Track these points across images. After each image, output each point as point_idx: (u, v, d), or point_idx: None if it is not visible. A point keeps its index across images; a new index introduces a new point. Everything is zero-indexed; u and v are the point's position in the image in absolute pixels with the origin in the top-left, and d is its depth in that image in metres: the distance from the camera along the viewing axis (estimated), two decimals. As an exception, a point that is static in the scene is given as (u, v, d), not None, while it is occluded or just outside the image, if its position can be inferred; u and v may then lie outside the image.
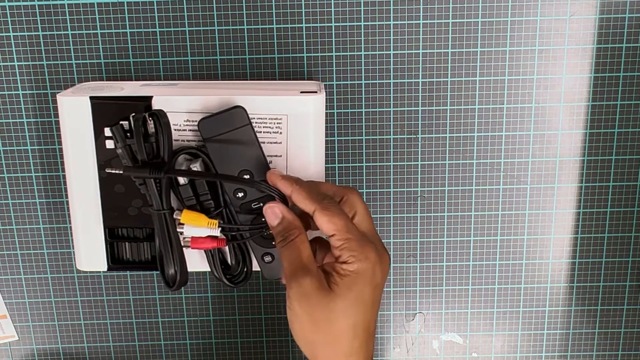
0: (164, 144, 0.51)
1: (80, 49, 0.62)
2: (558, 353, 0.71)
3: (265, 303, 0.69)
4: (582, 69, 0.63)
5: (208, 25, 0.62)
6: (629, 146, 0.65)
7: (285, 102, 0.53)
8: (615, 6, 0.61)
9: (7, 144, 0.65)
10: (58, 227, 0.67)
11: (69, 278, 0.68)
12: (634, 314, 0.70)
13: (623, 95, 0.64)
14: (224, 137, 0.52)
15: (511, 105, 0.64)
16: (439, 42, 0.62)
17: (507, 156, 0.65)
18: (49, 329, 0.70)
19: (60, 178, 0.66)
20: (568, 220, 0.67)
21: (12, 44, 0.62)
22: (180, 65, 0.63)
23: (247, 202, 0.54)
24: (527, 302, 0.69)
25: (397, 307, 0.70)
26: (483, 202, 0.66)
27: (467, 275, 0.68)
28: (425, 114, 0.64)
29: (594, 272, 0.69)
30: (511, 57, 0.63)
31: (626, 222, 0.67)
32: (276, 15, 0.61)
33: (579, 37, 0.62)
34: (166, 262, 0.54)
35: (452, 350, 0.71)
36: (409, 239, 0.67)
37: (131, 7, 0.61)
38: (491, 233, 0.67)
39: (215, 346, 0.71)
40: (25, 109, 0.64)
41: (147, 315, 0.70)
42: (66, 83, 0.63)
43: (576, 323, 0.70)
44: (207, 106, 0.53)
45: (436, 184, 0.66)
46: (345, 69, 0.63)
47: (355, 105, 0.64)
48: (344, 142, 0.65)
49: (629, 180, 0.66)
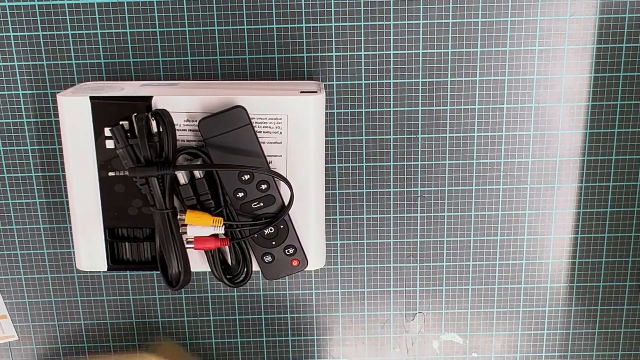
0: (169, 142, 0.51)
1: (80, 49, 0.62)
2: (558, 353, 0.71)
3: (265, 303, 0.69)
4: (582, 69, 0.63)
5: (208, 25, 0.62)
6: (629, 146, 0.65)
7: (285, 102, 0.53)
8: (615, 6, 0.61)
9: (7, 144, 0.65)
10: (58, 227, 0.67)
11: (69, 278, 0.68)
12: (634, 314, 0.70)
13: (623, 95, 0.64)
14: (224, 137, 0.52)
15: (511, 105, 0.64)
16: (439, 42, 0.62)
17: (507, 156, 0.65)
18: (49, 329, 0.70)
19: (60, 178, 0.66)
20: (568, 220, 0.67)
21: (12, 44, 0.62)
22: (180, 65, 0.63)
23: (247, 202, 0.54)
24: (527, 302, 0.69)
25: (397, 307, 0.70)
26: (483, 202, 0.66)
27: (467, 275, 0.68)
28: (425, 114, 0.64)
29: (594, 272, 0.69)
30: (511, 57, 0.63)
31: (626, 222, 0.67)
32: (276, 15, 0.62)
33: (579, 37, 0.62)
34: (169, 261, 0.54)
35: (452, 350, 0.71)
36: (409, 239, 0.67)
37: (131, 7, 0.61)
38: (491, 233, 0.67)
39: (215, 346, 0.71)
40: (25, 109, 0.64)
41: (147, 315, 0.70)
42: (66, 83, 0.63)
43: (576, 323, 0.70)
44: (207, 106, 0.53)
45: (436, 184, 0.66)
46: (345, 69, 0.63)
47: (355, 105, 0.64)
48: (344, 142, 0.65)
49: (629, 180, 0.66)
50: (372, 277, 0.69)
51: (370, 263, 0.68)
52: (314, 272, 0.69)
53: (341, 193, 0.66)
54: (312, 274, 0.69)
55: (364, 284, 0.69)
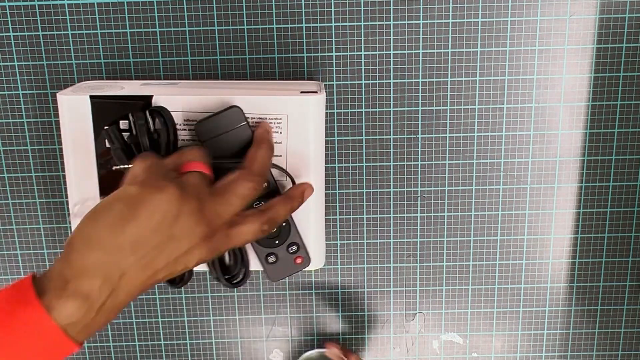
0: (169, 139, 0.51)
1: (80, 49, 0.62)
2: (558, 353, 0.71)
3: (265, 303, 0.69)
4: (582, 69, 0.63)
5: (208, 25, 0.62)
6: (629, 146, 0.65)
7: (285, 102, 0.53)
8: (615, 6, 0.61)
9: (7, 144, 0.65)
10: (58, 227, 0.67)
11: (69, 278, 0.68)
12: (634, 314, 0.70)
13: (623, 95, 0.64)
14: (223, 137, 0.52)
15: (511, 105, 0.64)
16: (439, 42, 0.62)
17: (507, 156, 0.65)
18: (48, 329, 0.70)
19: (60, 178, 0.66)
20: (568, 220, 0.67)
21: (12, 44, 0.62)
22: (180, 65, 0.63)
23: None
24: (527, 302, 0.69)
25: (397, 307, 0.70)
26: (483, 202, 0.66)
27: (467, 275, 0.68)
28: (425, 114, 0.64)
29: (594, 272, 0.69)
30: (511, 57, 0.63)
31: (626, 222, 0.67)
32: (276, 15, 0.62)
33: (579, 37, 0.62)
34: None
35: (452, 350, 0.71)
36: (409, 239, 0.67)
37: (131, 7, 0.61)
38: (491, 233, 0.67)
39: (215, 346, 0.71)
40: (25, 109, 0.64)
41: (147, 315, 0.70)
42: (66, 83, 0.63)
43: (576, 323, 0.70)
44: (207, 106, 0.53)
45: (436, 184, 0.66)
46: (345, 69, 0.63)
47: (355, 105, 0.64)
48: (344, 142, 0.65)
49: (629, 180, 0.66)
50: (372, 277, 0.69)
51: (370, 263, 0.68)
52: (314, 272, 0.69)
53: (341, 193, 0.66)
54: (312, 274, 0.69)
55: (364, 284, 0.69)
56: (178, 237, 0.44)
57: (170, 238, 0.44)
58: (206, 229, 0.45)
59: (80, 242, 0.43)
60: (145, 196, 0.43)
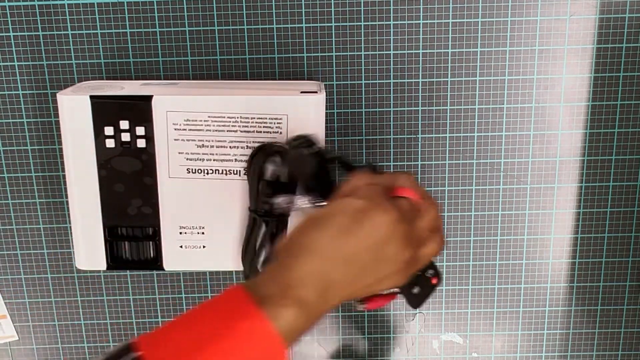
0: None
1: (80, 49, 0.62)
2: (558, 353, 0.71)
3: (265, 303, 0.69)
4: (582, 69, 0.63)
5: (208, 25, 0.62)
6: (629, 146, 0.65)
7: (285, 102, 0.53)
8: (615, 6, 0.61)
9: (7, 144, 0.65)
10: (58, 227, 0.67)
11: (69, 278, 0.68)
12: (634, 314, 0.70)
13: (623, 95, 0.64)
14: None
15: (511, 105, 0.64)
16: (439, 42, 0.62)
17: (507, 156, 0.65)
18: (49, 329, 0.70)
19: (60, 178, 0.66)
20: (568, 220, 0.67)
21: (12, 44, 0.62)
22: (180, 65, 0.63)
23: None
24: (527, 302, 0.69)
25: (397, 307, 0.70)
26: (483, 202, 0.66)
27: (467, 275, 0.68)
28: (425, 114, 0.64)
29: (594, 272, 0.69)
30: (511, 57, 0.63)
31: (626, 222, 0.67)
32: (276, 15, 0.62)
33: (579, 37, 0.62)
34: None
35: (452, 350, 0.71)
36: (409, 239, 0.67)
37: (131, 7, 0.61)
38: (491, 233, 0.67)
39: (215, 346, 0.71)
40: (25, 109, 0.64)
41: (147, 315, 0.70)
42: (66, 83, 0.63)
43: (576, 323, 0.70)
44: (207, 106, 0.53)
45: (436, 184, 0.66)
46: (345, 69, 0.63)
47: (355, 105, 0.64)
48: (344, 142, 0.65)
49: (629, 180, 0.66)
50: (372, 277, 0.69)
51: (370, 263, 0.68)
52: (314, 272, 0.68)
53: (341, 193, 0.66)
54: (312, 274, 0.68)
55: (364, 284, 0.69)
56: (385, 259, 0.44)
57: (378, 259, 0.44)
58: (410, 255, 0.45)
59: (301, 250, 0.43)
60: (369, 213, 0.43)
